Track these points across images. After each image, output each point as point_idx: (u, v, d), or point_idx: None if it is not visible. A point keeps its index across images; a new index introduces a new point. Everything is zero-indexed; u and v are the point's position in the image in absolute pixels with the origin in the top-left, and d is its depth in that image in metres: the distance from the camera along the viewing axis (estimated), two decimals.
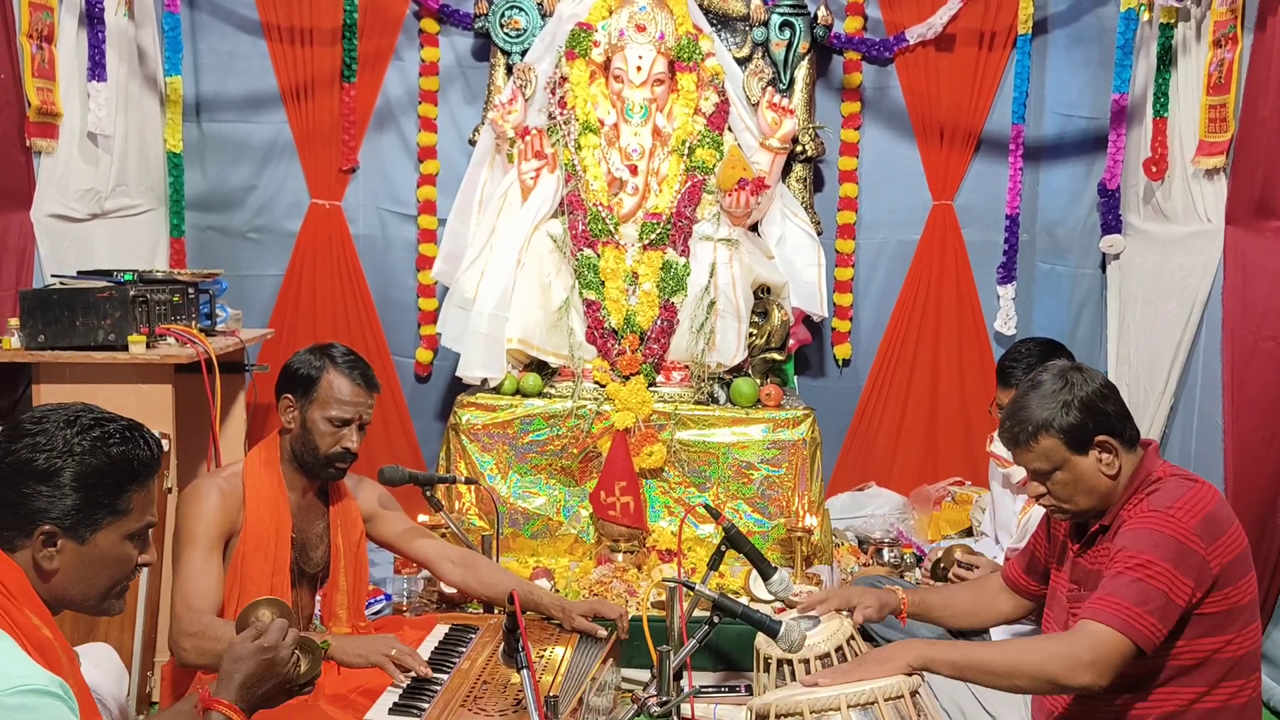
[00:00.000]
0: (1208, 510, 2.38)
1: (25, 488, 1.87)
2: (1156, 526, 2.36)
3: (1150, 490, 2.45)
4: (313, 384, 3.03)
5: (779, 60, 5.24)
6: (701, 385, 4.77)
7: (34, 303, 3.61)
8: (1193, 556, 2.32)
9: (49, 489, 1.87)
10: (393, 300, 5.64)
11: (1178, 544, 2.32)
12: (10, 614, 1.80)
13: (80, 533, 1.90)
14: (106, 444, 1.92)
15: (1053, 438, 2.49)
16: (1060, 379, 2.53)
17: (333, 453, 3.03)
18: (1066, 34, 5.48)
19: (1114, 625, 2.28)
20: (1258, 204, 3.93)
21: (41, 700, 1.67)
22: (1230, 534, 2.39)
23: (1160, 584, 2.30)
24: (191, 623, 2.79)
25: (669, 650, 2.42)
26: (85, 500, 1.90)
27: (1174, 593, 2.30)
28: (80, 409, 1.96)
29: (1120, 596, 2.31)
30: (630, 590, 4.17)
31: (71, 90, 4.32)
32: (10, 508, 1.87)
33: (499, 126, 5.00)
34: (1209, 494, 2.43)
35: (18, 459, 1.88)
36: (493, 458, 4.66)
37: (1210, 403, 4.21)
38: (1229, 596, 2.36)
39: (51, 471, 1.87)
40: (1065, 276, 5.59)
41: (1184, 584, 2.31)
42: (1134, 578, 2.32)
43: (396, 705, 2.64)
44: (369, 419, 3.09)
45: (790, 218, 5.11)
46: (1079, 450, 2.48)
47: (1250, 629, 2.41)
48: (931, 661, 2.41)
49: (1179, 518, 2.35)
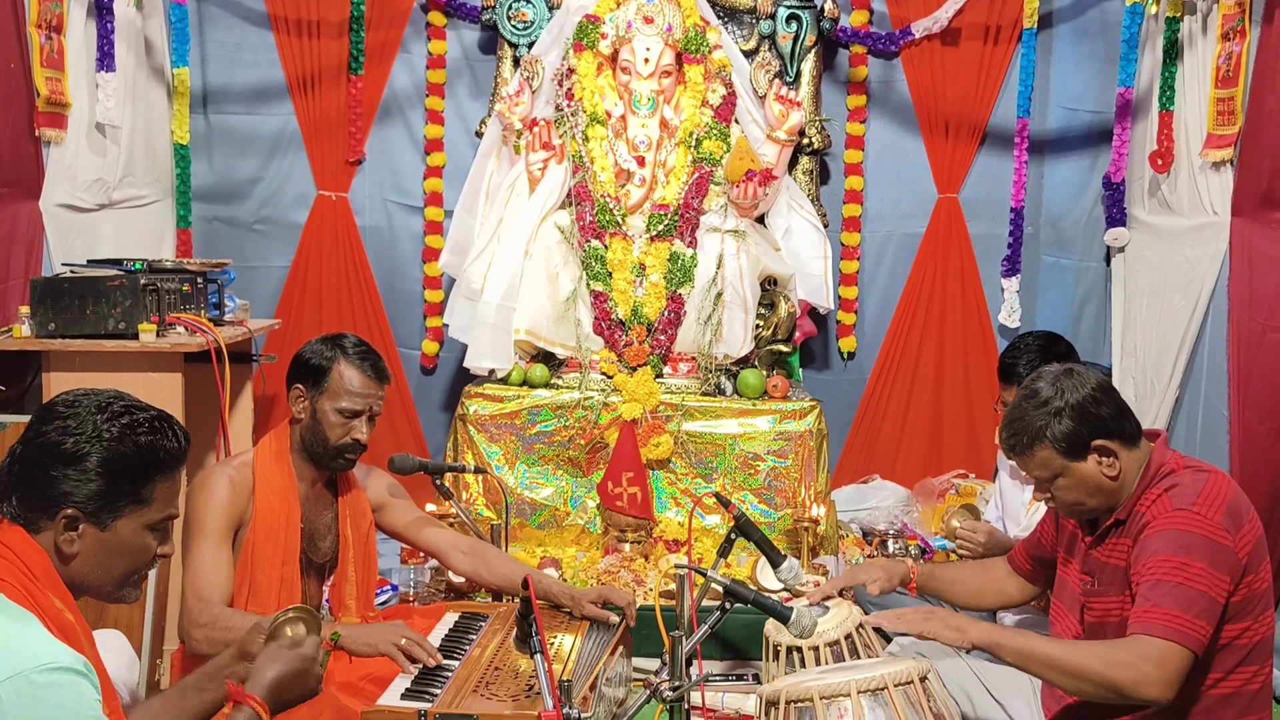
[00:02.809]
0: (1229, 500, 2.39)
1: (53, 470, 1.88)
2: (1185, 526, 2.36)
3: (1167, 485, 2.44)
4: (324, 375, 3.03)
5: (786, 53, 5.26)
6: (708, 376, 4.78)
7: (45, 291, 3.62)
8: (1225, 551, 2.33)
9: (75, 473, 1.89)
10: (398, 292, 5.65)
11: (1208, 541, 2.33)
12: (34, 595, 1.82)
13: (102, 518, 1.92)
14: (135, 432, 1.94)
15: (1048, 448, 2.49)
16: (1054, 385, 2.52)
17: (342, 444, 3.03)
18: (1071, 28, 5.49)
19: (1172, 639, 2.28)
20: (1264, 196, 3.95)
21: (68, 678, 1.69)
22: (1251, 520, 2.41)
23: (1200, 585, 2.31)
24: (202, 613, 2.79)
25: (681, 636, 2.43)
26: (110, 486, 1.91)
27: (1214, 590, 2.31)
28: (112, 395, 1.97)
29: (1167, 606, 2.31)
30: (638, 580, 4.18)
31: (80, 81, 4.33)
32: (36, 489, 1.89)
33: (506, 118, 5.01)
34: (1225, 483, 2.43)
35: (47, 440, 1.89)
36: (500, 448, 4.68)
37: (1216, 395, 4.22)
38: (1250, 584, 2.38)
39: (79, 455, 1.89)
40: (1070, 269, 5.60)
41: (1221, 580, 2.32)
42: (1175, 582, 2.32)
43: (409, 691, 2.65)
44: (379, 410, 3.09)
45: (797, 210, 5.12)
46: (1076, 457, 2.48)
47: (1266, 615, 2.42)
48: (998, 646, 2.43)
49: (1204, 514, 2.35)
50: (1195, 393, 4.43)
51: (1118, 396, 2.54)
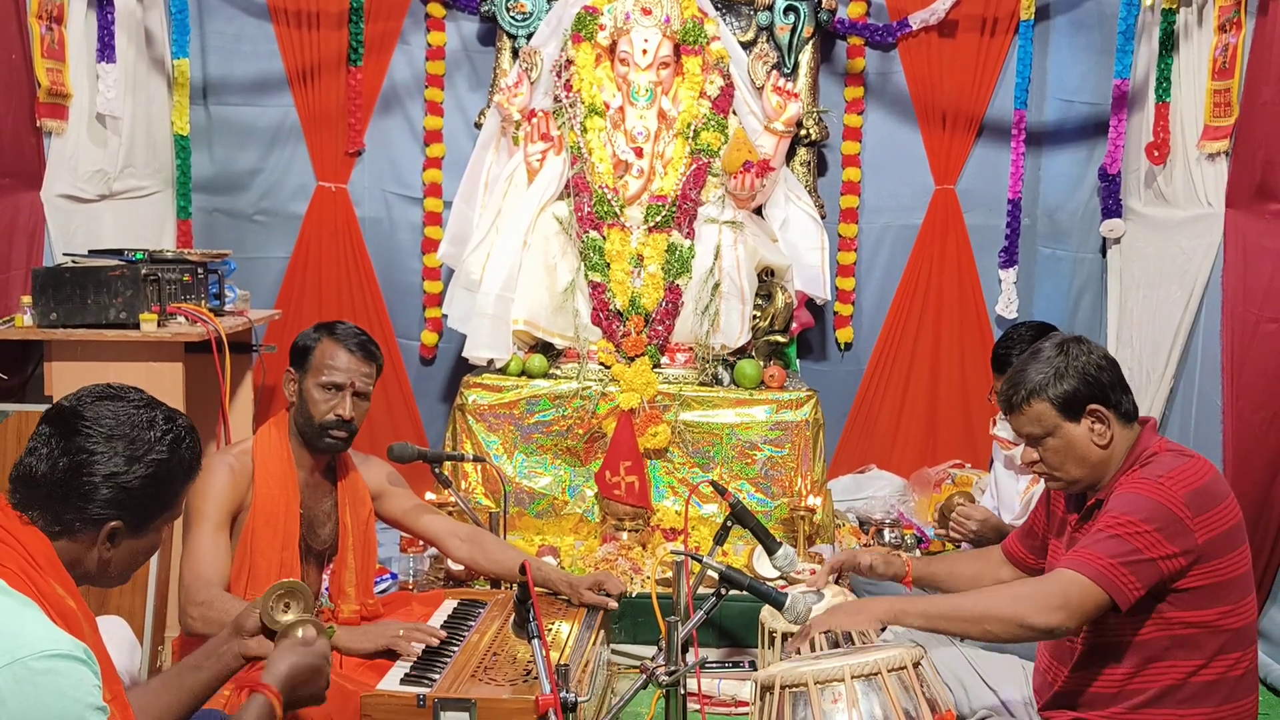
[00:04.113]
0: (1200, 483, 2.40)
1: (99, 485, 1.89)
2: (1143, 492, 2.38)
3: (1145, 463, 2.48)
4: (308, 354, 3.06)
5: (783, 44, 5.28)
6: (705, 367, 4.80)
7: (46, 281, 3.63)
8: (1178, 523, 2.33)
9: (123, 490, 1.90)
10: (398, 283, 5.67)
11: (1163, 508, 2.34)
12: (36, 583, 1.83)
13: (141, 530, 1.96)
14: (180, 447, 1.97)
15: (1045, 402, 2.51)
16: (1059, 348, 2.55)
17: (327, 420, 3.01)
18: (1068, 20, 5.51)
19: (1086, 573, 2.31)
20: (1258, 187, 3.96)
21: (67, 664, 1.70)
22: (1222, 508, 2.40)
23: (1138, 541, 2.32)
24: (199, 591, 2.81)
25: (677, 621, 2.45)
26: (156, 502, 1.95)
27: (1152, 550, 2.32)
28: (146, 401, 1.99)
29: (1097, 550, 2.34)
30: (635, 568, 4.21)
31: (80, 72, 4.35)
32: (78, 501, 1.89)
33: (505, 109, 5.03)
34: (1203, 468, 2.44)
35: (94, 456, 1.89)
36: (499, 438, 4.70)
37: (1210, 385, 4.24)
38: (1217, 570, 2.37)
39: (131, 474, 1.91)
40: (1066, 261, 5.63)
41: (1164, 546, 2.32)
42: (1112, 534, 2.35)
43: (408, 676, 2.67)
44: (365, 388, 3.07)
45: (794, 201, 5.14)
46: (1071, 417, 2.50)
47: (1246, 602, 2.42)
48: (902, 614, 2.44)
49: (1168, 486, 2.37)
50: (1190, 383, 4.45)
51: (1120, 372, 2.55)
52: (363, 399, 3.07)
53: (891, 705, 2.24)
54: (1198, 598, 2.37)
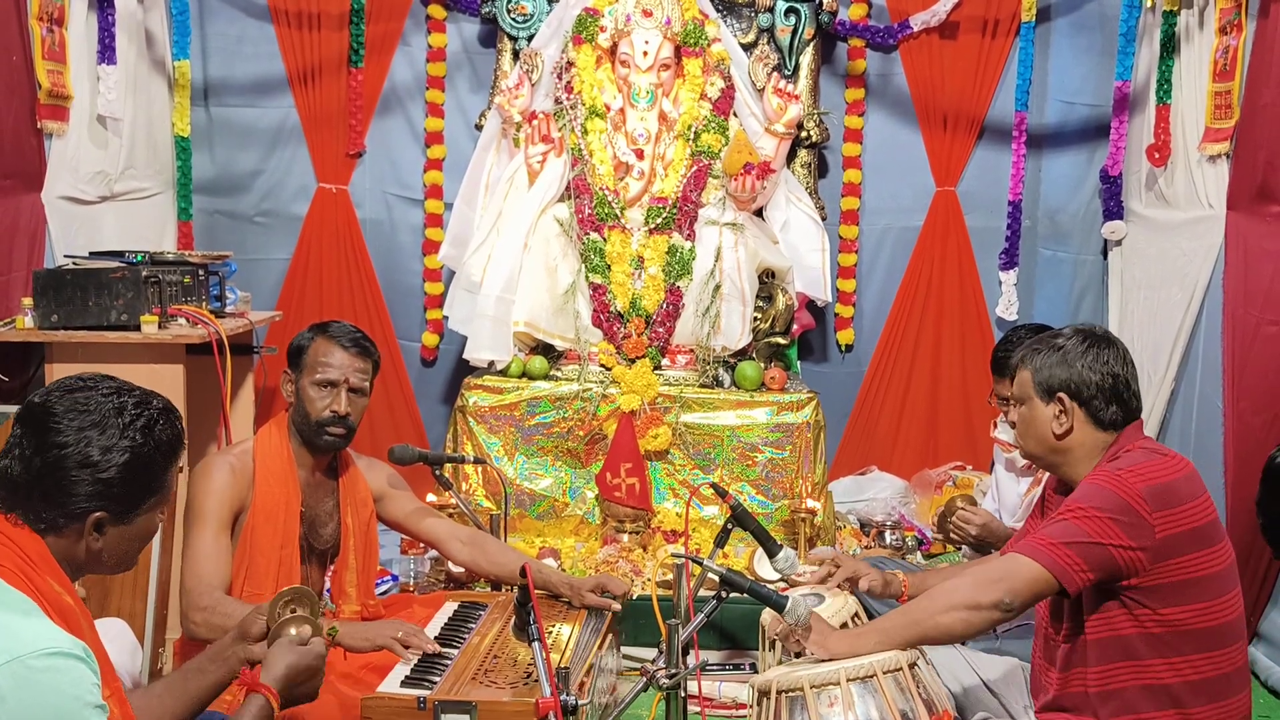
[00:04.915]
0: (1164, 480, 2.38)
1: (76, 478, 1.87)
2: (1099, 482, 2.40)
3: (1113, 459, 2.48)
4: (303, 353, 3.08)
5: (784, 46, 5.28)
6: (706, 368, 4.80)
7: (47, 282, 3.64)
8: (1133, 514, 2.32)
9: (102, 479, 1.89)
10: (398, 284, 5.67)
11: (1118, 498, 2.34)
12: (33, 580, 1.83)
13: (128, 517, 1.94)
14: (155, 430, 1.95)
15: (1028, 373, 2.58)
16: (1076, 336, 2.58)
17: (323, 417, 3.02)
18: (1069, 21, 5.51)
19: (1028, 553, 2.34)
20: (1259, 189, 3.96)
21: (66, 662, 1.70)
22: (1189, 506, 2.37)
23: (1086, 524, 2.33)
24: (201, 596, 2.82)
25: (677, 624, 2.45)
26: (136, 487, 1.93)
27: (1102, 536, 2.31)
28: (114, 389, 1.95)
29: (1042, 534, 2.38)
30: (636, 570, 4.21)
31: (81, 73, 4.35)
32: (57, 496, 1.87)
33: (505, 111, 5.03)
34: (1173, 466, 2.43)
35: (67, 447, 1.87)
36: (499, 440, 4.70)
37: (1211, 387, 4.24)
38: (1185, 566, 2.34)
39: (106, 463, 1.88)
40: (1067, 263, 5.62)
41: (1119, 536, 2.31)
42: (1060, 518, 2.38)
43: (409, 679, 2.67)
44: (360, 384, 3.07)
45: (795, 203, 5.14)
46: (1042, 396, 2.55)
47: (1227, 598, 2.39)
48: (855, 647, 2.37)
49: (1126, 479, 2.36)
50: (1190, 385, 4.45)
51: (1121, 385, 2.51)
52: (359, 395, 3.08)
53: (888, 707, 2.24)
54: (1166, 595, 2.34)
